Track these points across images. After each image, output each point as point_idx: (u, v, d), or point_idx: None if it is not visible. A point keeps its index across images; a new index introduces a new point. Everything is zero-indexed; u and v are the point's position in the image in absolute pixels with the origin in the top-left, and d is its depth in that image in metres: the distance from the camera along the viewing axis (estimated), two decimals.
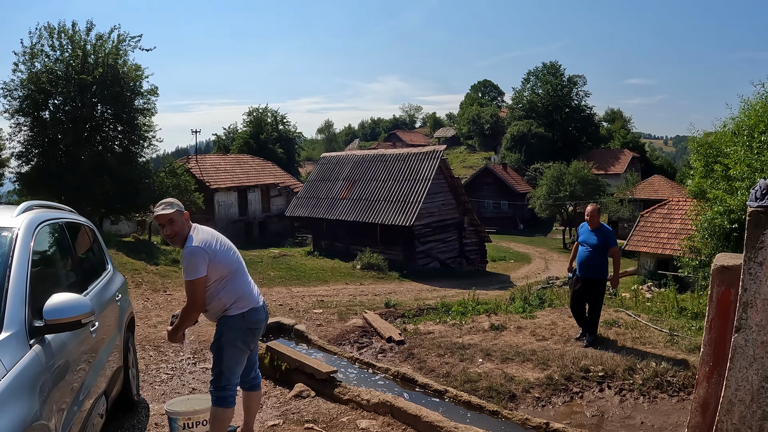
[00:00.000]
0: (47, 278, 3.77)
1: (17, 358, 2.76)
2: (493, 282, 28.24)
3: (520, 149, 71.47)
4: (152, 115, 26.13)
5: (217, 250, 4.27)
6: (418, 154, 33.13)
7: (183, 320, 4.38)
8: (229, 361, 4.33)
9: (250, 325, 4.40)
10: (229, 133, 64.91)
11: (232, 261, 4.38)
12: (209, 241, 4.26)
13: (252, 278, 4.67)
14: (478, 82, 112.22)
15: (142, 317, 11.31)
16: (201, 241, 4.22)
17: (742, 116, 14.31)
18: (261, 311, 4.50)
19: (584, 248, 8.10)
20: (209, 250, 4.20)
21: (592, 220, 8.14)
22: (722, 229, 13.31)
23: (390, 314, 11.52)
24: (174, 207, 4.27)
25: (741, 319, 2.93)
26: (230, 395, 4.34)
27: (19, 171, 25.14)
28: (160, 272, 18.85)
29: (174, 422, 4.61)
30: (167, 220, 4.24)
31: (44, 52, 23.52)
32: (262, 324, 4.55)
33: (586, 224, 8.25)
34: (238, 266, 4.43)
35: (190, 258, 4.14)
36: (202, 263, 4.14)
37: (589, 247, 8.02)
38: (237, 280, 4.38)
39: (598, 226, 8.13)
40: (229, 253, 4.39)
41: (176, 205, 4.32)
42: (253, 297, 4.44)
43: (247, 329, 4.38)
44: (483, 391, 6.32)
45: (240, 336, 4.36)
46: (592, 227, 8.13)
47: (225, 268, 4.29)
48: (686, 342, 7.92)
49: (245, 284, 4.44)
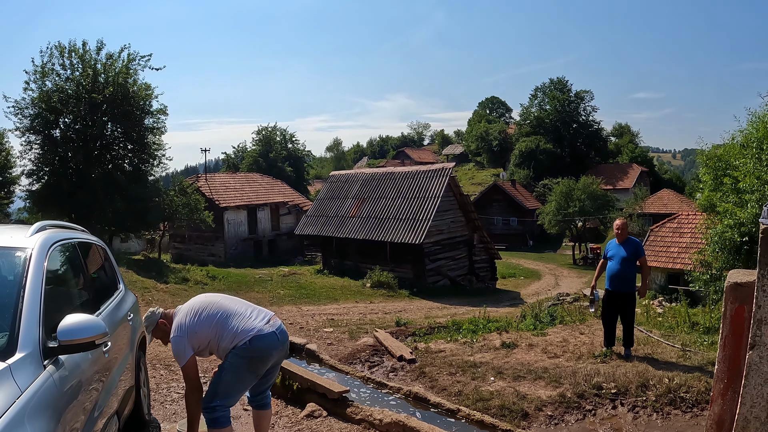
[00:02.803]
0: (61, 298, 3.78)
1: (32, 378, 2.76)
2: (504, 299, 28.12)
3: (529, 165, 71.43)
4: (162, 134, 26.41)
5: (193, 323, 4.40)
6: (426, 171, 33.12)
7: (190, 408, 4.46)
8: (226, 383, 4.36)
9: (255, 352, 4.39)
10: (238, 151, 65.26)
11: (212, 320, 4.44)
12: (182, 321, 4.42)
13: (262, 296, 4.74)
14: (486, 99, 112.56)
15: None
16: (176, 327, 4.42)
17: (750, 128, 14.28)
18: (269, 337, 4.43)
19: (614, 262, 8.14)
20: (183, 331, 4.37)
21: (621, 233, 8.23)
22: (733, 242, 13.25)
23: (401, 333, 11.50)
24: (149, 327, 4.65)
25: (755, 336, 2.91)
26: (221, 416, 4.34)
27: (29, 189, 25.33)
28: (170, 291, 18.88)
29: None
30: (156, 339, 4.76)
31: (55, 71, 23.84)
32: (274, 350, 4.49)
33: (614, 240, 8.34)
34: (222, 314, 4.48)
35: (174, 348, 4.37)
36: (183, 347, 4.34)
37: (621, 261, 8.06)
38: (226, 326, 4.43)
39: (626, 239, 8.20)
40: (208, 315, 4.47)
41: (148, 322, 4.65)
42: (252, 326, 4.43)
43: (252, 357, 4.39)
44: (495, 409, 6.28)
45: (245, 363, 4.39)
46: (621, 240, 8.21)
47: (207, 331, 4.42)
48: (699, 357, 7.86)
49: (238, 320, 4.46)
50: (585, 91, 78.20)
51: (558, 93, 77.54)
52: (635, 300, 8.35)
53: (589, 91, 78.25)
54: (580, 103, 77.78)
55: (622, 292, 8.11)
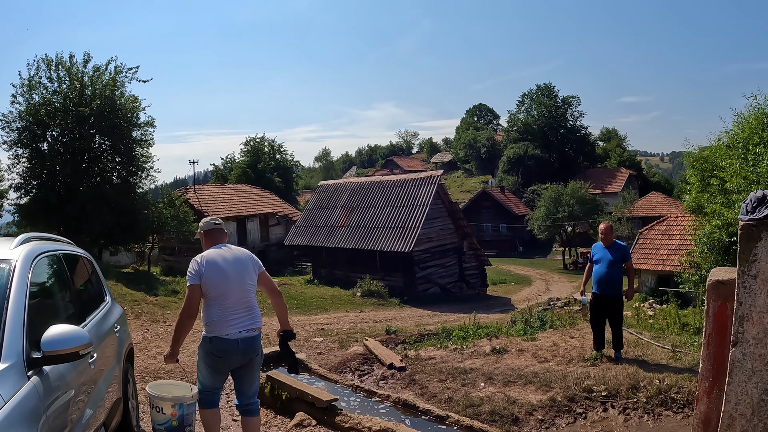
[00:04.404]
0: (45, 310, 3.77)
1: (15, 389, 2.75)
2: (494, 305, 28.13)
3: (517, 172, 71.69)
4: (150, 146, 26.20)
5: (207, 271, 4.59)
6: (415, 180, 33.20)
7: (177, 327, 4.65)
8: (199, 370, 4.80)
9: (213, 350, 4.59)
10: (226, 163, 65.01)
11: (217, 286, 4.58)
12: (206, 258, 4.67)
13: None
14: (473, 106, 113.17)
15: (141, 348, 11.25)
16: (202, 256, 4.68)
17: (735, 129, 14.37)
18: (229, 343, 4.55)
19: (601, 266, 8.17)
20: (201, 264, 4.62)
21: (606, 237, 8.26)
22: (721, 242, 13.32)
23: (391, 341, 11.47)
24: (203, 227, 5.03)
25: (738, 333, 2.93)
26: (203, 398, 4.74)
27: (18, 202, 25.13)
28: (160, 303, 18.78)
29: (151, 401, 4.82)
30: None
31: (42, 84, 23.60)
32: (232, 356, 4.62)
33: (599, 243, 8.38)
34: (222, 294, 4.59)
35: (190, 266, 4.65)
36: (195, 272, 4.58)
37: (607, 264, 8.09)
38: (215, 306, 4.58)
39: (611, 243, 8.24)
40: (220, 278, 4.60)
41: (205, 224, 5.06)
42: (223, 327, 4.55)
43: (210, 353, 4.63)
44: (486, 415, 6.28)
45: (204, 356, 4.70)
46: (606, 244, 8.24)
47: (208, 289, 4.58)
48: (689, 358, 7.90)
49: (222, 313, 4.57)
50: (572, 97, 78.56)
51: (545, 99, 77.82)
52: (623, 303, 8.37)
53: (576, 97, 78.62)
54: (568, 109, 78.03)
55: (609, 295, 8.15)
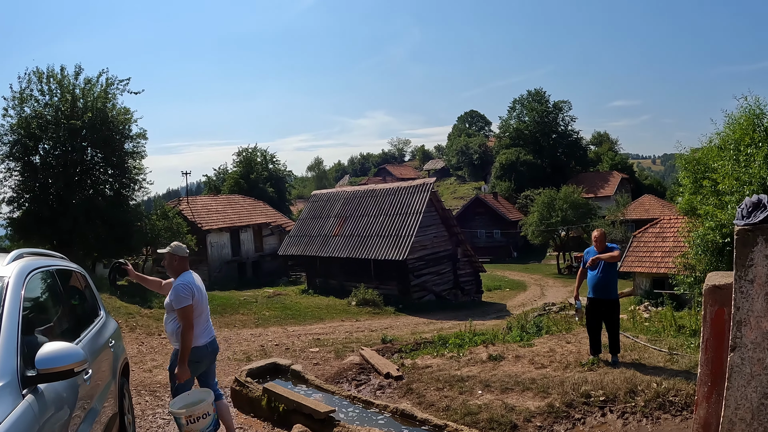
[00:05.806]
0: (39, 327, 3.73)
1: (10, 408, 2.72)
2: (490, 312, 28.10)
3: (510, 177, 71.71)
4: (142, 158, 26.19)
5: (197, 293, 5.40)
6: (408, 188, 33.19)
7: (186, 344, 5.19)
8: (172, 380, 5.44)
9: (193, 358, 5.34)
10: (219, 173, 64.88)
11: (199, 306, 5.40)
12: (193, 282, 5.47)
13: (247, 318, 5.02)
14: (465, 113, 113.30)
15: (137, 362, 11.19)
16: (187, 281, 5.41)
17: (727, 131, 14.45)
18: (204, 349, 5.51)
19: (595, 270, 8.18)
20: (190, 287, 5.37)
21: (599, 244, 8.29)
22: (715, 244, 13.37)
23: (387, 350, 11.44)
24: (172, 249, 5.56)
25: (736, 338, 2.93)
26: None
27: (10, 216, 25.02)
28: (155, 315, 18.68)
29: (178, 420, 5.09)
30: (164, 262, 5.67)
31: (33, 96, 23.56)
32: (204, 360, 5.57)
33: (592, 248, 8.40)
34: (202, 312, 5.47)
35: (180, 291, 5.29)
36: (188, 295, 5.29)
37: (601, 269, 8.12)
38: (196, 322, 5.36)
39: (604, 249, 8.25)
40: (200, 299, 5.46)
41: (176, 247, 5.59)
42: (199, 339, 5.42)
43: (191, 361, 5.31)
44: (484, 423, 6.26)
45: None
46: (599, 250, 8.26)
47: (195, 308, 5.33)
48: (686, 360, 7.90)
49: (200, 326, 5.45)
50: (563, 102, 78.73)
51: (536, 104, 77.92)
52: (619, 307, 8.40)
53: (567, 101, 78.81)
54: (559, 114, 78.19)
55: (604, 299, 8.17)
